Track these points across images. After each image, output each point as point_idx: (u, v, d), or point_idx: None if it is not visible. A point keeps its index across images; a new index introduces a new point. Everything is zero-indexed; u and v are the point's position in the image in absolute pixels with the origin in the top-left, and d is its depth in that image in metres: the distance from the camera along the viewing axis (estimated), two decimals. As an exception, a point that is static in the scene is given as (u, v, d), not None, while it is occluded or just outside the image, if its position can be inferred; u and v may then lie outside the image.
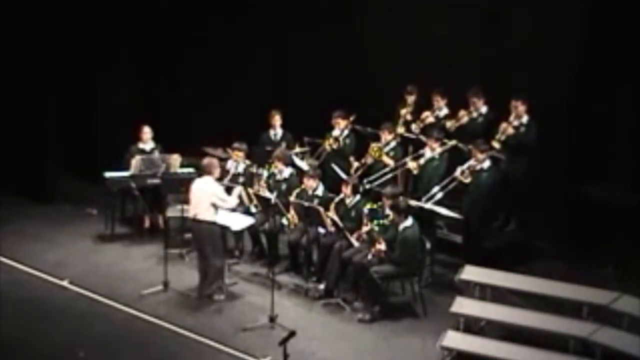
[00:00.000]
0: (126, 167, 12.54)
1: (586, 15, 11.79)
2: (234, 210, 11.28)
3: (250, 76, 14.35)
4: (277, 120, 13.04)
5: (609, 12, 11.46)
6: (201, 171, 10.98)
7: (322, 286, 10.94)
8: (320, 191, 11.39)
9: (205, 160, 10.94)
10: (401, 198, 10.49)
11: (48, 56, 13.87)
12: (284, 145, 12.75)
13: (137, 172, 12.45)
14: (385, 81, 13.05)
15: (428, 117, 12.57)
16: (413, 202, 10.83)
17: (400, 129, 12.50)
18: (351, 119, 12.60)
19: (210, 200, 10.59)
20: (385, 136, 12.22)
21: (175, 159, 12.62)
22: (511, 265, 10.77)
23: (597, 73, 11.64)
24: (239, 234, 11.89)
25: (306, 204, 10.98)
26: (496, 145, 11.61)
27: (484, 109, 12.21)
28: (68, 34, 14.00)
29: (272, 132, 13.09)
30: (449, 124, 12.29)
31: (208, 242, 10.69)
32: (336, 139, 12.61)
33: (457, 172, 11.22)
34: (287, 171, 11.86)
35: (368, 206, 10.84)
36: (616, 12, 11.38)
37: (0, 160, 13.89)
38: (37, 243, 12.45)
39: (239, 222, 10.97)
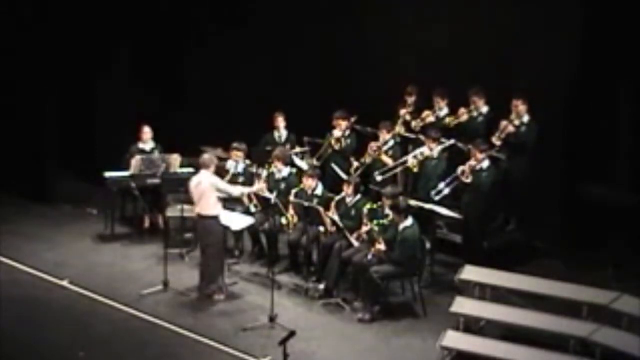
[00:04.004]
0: (126, 167, 12.55)
1: (586, 16, 11.79)
2: (233, 210, 11.31)
3: (250, 76, 14.34)
4: (280, 122, 13.03)
5: (608, 13, 11.46)
6: (198, 167, 10.95)
7: (322, 286, 10.94)
8: (319, 191, 11.39)
9: (206, 156, 10.93)
10: (401, 198, 10.49)
11: (48, 56, 13.88)
12: (288, 147, 12.74)
13: (137, 172, 12.45)
14: (385, 82, 13.05)
15: (429, 116, 12.58)
16: (413, 202, 10.84)
17: (400, 129, 12.51)
18: (352, 120, 12.61)
19: (212, 193, 10.58)
20: (384, 135, 12.23)
21: (175, 159, 12.63)
22: (511, 265, 10.78)
23: (596, 73, 11.64)
24: (239, 234, 11.90)
25: (306, 204, 10.99)
26: (497, 142, 11.62)
27: (484, 109, 12.22)
28: (68, 34, 14.01)
29: (276, 134, 13.08)
30: (448, 120, 12.32)
31: (211, 238, 10.68)
32: (338, 140, 12.61)
33: (458, 172, 11.24)
34: (286, 170, 11.86)
35: (368, 206, 10.84)
36: (615, 12, 11.38)
37: (1, 161, 13.89)
38: (37, 243, 12.45)
39: (239, 222, 10.98)
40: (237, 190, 11.10)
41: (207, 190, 10.61)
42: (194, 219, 11.06)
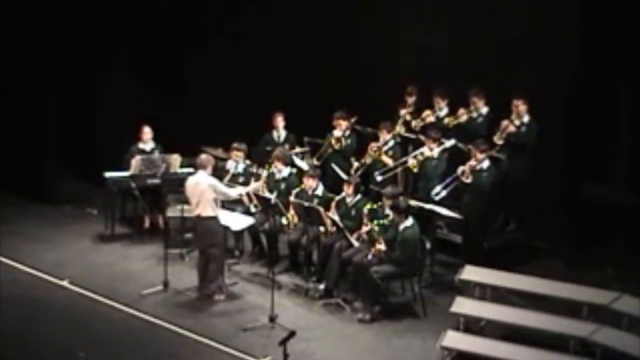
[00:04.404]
0: (126, 167, 12.55)
1: (586, 15, 11.79)
2: (233, 210, 11.30)
3: (250, 76, 14.35)
4: (279, 121, 13.03)
5: (608, 13, 11.47)
6: (196, 168, 10.92)
7: (322, 286, 10.95)
8: (320, 191, 11.39)
9: (203, 156, 10.89)
10: (401, 198, 10.49)
11: (48, 56, 13.88)
12: (287, 146, 12.74)
13: (137, 172, 12.45)
14: (385, 82, 13.05)
15: (429, 116, 12.58)
16: (413, 202, 10.84)
17: (400, 129, 12.51)
18: (352, 120, 12.61)
19: (210, 195, 10.56)
20: (384, 135, 12.23)
21: (175, 159, 12.63)
22: (511, 265, 10.78)
23: (596, 73, 11.65)
24: (239, 234, 11.89)
25: (306, 204, 10.99)
26: (498, 141, 11.61)
27: (484, 110, 12.23)
28: (68, 33, 14.01)
29: (275, 134, 13.09)
30: (447, 120, 12.32)
31: (211, 239, 10.66)
32: (338, 140, 12.61)
33: (458, 172, 11.23)
34: (286, 170, 11.86)
35: (368, 206, 10.84)
36: (615, 11, 11.38)
37: (0, 160, 13.89)
38: (37, 243, 12.45)
39: (239, 222, 10.97)
40: (234, 192, 11.04)
41: (206, 191, 10.59)
42: (193, 220, 11.04)
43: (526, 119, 11.75)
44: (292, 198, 11.25)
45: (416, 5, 12.99)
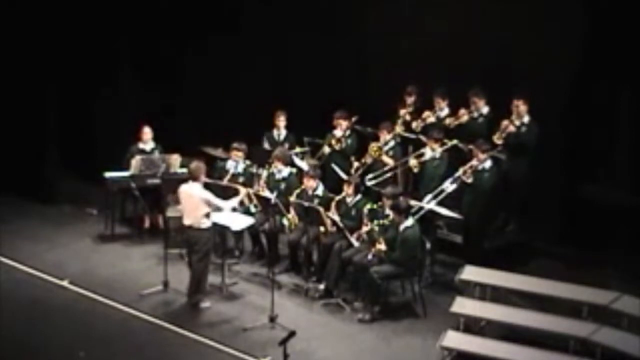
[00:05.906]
0: (126, 167, 12.55)
1: (587, 16, 11.79)
2: (234, 210, 11.29)
3: (250, 76, 14.33)
4: (281, 120, 13.01)
5: (609, 12, 11.47)
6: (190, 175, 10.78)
7: (322, 286, 10.95)
8: (320, 191, 11.39)
9: (193, 165, 10.71)
10: (401, 198, 10.49)
11: (48, 56, 13.87)
12: (286, 146, 12.73)
13: (137, 172, 12.45)
14: (385, 82, 13.05)
15: (429, 116, 12.57)
16: (413, 202, 10.83)
17: (400, 129, 12.50)
18: (353, 119, 12.60)
19: (202, 207, 10.47)
20: (384, 136, 12.22)
21: (175, 159, 12.63)
22: (511, 265, 10.78)
23: (597, 73, 11.65)
24: (239, 234, 11.89)
25: (306, 204, 11.00)
26: (498, 141, 11.61)
27: (484, 110, 12.22)
28: (68, 33, 14.00)
29: (275, 133, 13.07)
30: (448, 120, 12.32)
31: (196, 247, 10.58)
32: (339, 140, 12.61)
33: (460, 172, 11.23)
34: (286, 170, 11.86)
35: (368, 206, 10.84)
36: (616, 11, 11.38)
37: (1, 160, 13.88)
38: (37, 243, 12.44)
39: (239, 222, 10.97)
40: (228, 205, 10.79)
41: (199, 204, 10.50)
42: (186, 227, 10.82)
43: (526, 119, 11.74)
44: (292, 198, 11.25)
45: (416, 5, 12.98)
